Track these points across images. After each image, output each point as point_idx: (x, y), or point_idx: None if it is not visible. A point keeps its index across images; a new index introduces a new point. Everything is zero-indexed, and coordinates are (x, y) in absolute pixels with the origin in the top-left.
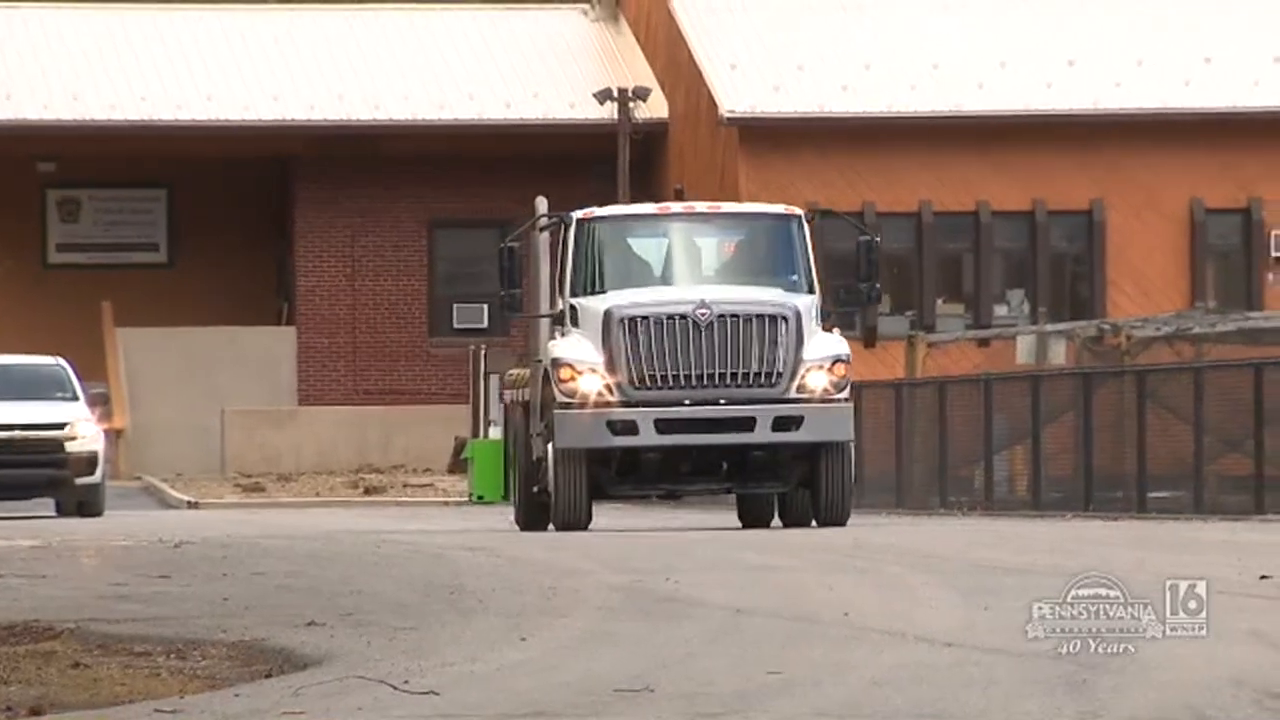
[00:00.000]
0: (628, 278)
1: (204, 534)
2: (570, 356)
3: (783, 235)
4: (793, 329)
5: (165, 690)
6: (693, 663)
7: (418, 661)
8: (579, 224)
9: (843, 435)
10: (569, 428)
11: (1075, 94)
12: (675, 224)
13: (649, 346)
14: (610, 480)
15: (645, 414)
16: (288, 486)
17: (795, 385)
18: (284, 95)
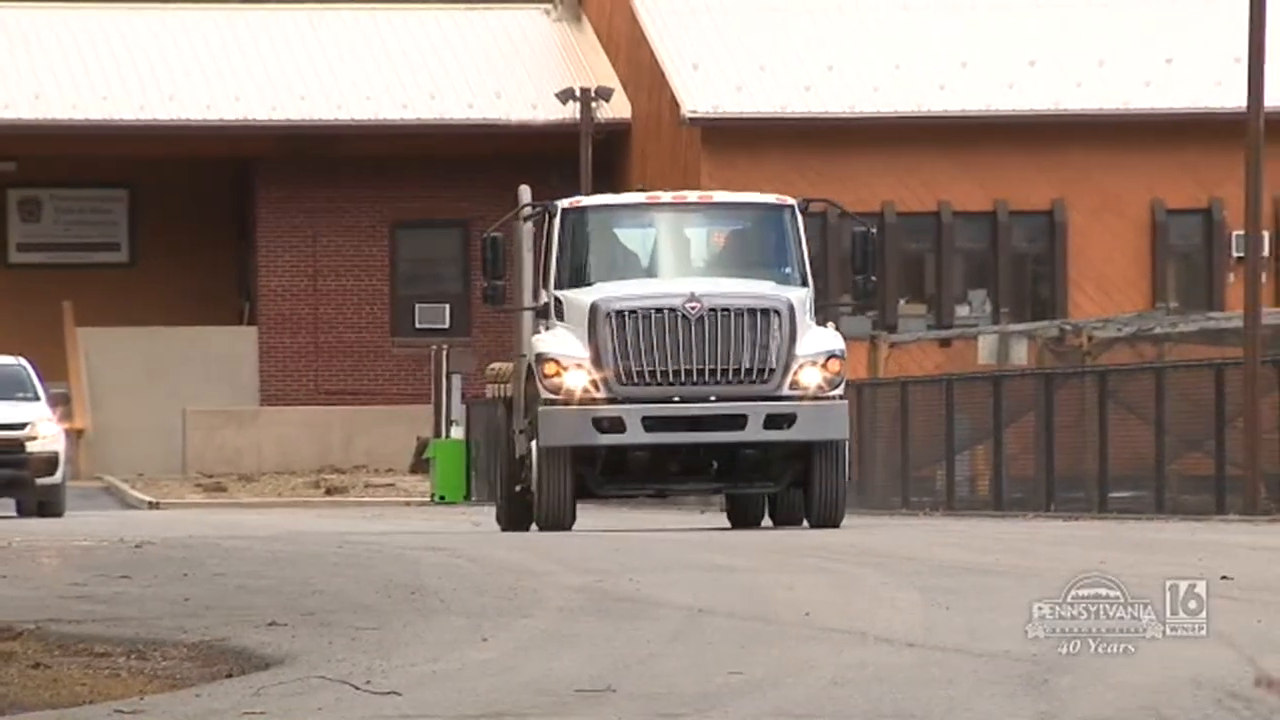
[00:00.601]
0: (615, 269)
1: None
2: (555, 351)
3: (775, 226)
4: (786, 323)
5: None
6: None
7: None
8: (564, 214)
9: (837, 434)
10: (553, 425)
11: (1037, 95)
12: (664, 214)
13: (637, 341)
14: (596, 480)
15: (633, 411)
16: (249, 487)
17: (788, 382)
18: (246, 95)
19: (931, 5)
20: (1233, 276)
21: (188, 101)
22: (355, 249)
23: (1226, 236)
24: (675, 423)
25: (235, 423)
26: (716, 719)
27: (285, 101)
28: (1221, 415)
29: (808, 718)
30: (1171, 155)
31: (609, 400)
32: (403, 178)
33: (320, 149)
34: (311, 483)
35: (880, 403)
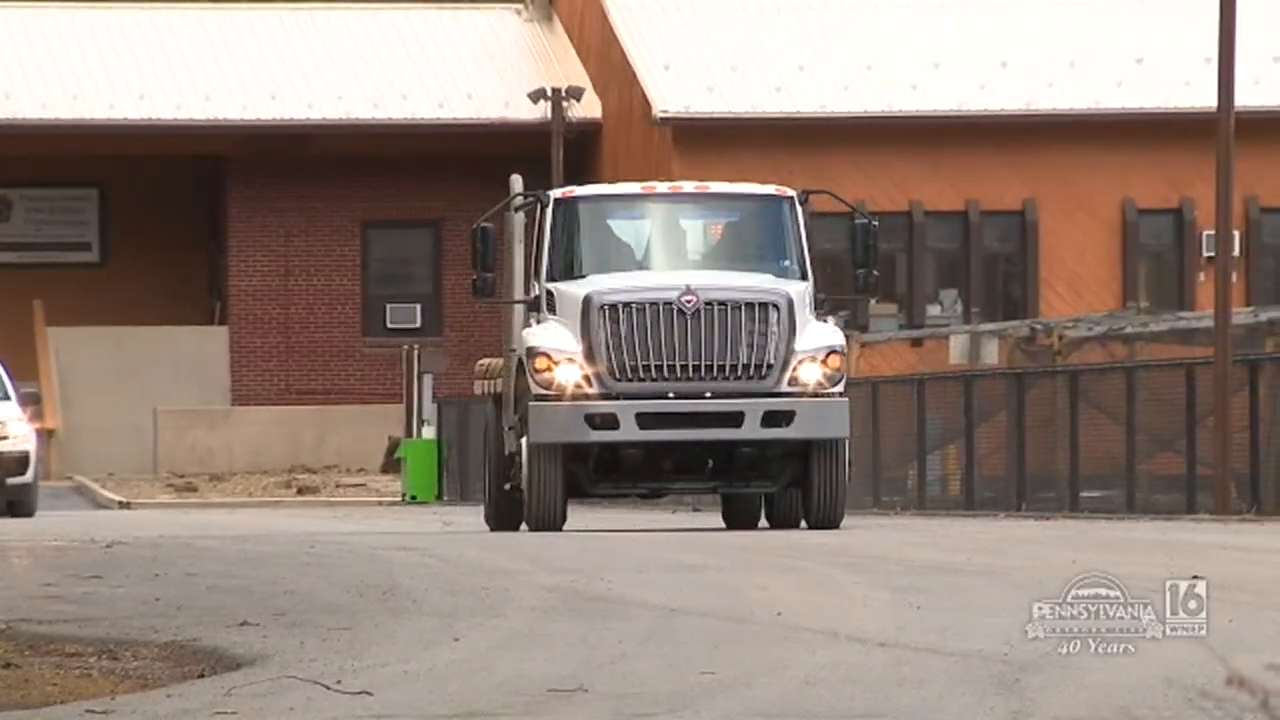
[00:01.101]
0: (608, 262)
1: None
2: (546, 345)
3: (774, 217)
4: (784, 318)
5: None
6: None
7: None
8: (557, 204)
9: (837, 432)
10: (544, 421)
11: (1008, 95)
12: (659, 205)
13: (631, 335)
14: (588, 478)
15: (626, 407)
16: (220, 487)
17: (787, 378)
18: (217, 94)
19: (903, 5)
20: (1203, 276)
21: (158, 101)
22: (326, 249)
23: (1197, 236)
24: (670, 419)
25: (206, 422)
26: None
27: (256, 101)
28: (1192, 415)
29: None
30: (1142, 155)
31: (602, 396)
32: (374, 177)
33: (291, 148)
34: (283, 482)
35: (852, 403)
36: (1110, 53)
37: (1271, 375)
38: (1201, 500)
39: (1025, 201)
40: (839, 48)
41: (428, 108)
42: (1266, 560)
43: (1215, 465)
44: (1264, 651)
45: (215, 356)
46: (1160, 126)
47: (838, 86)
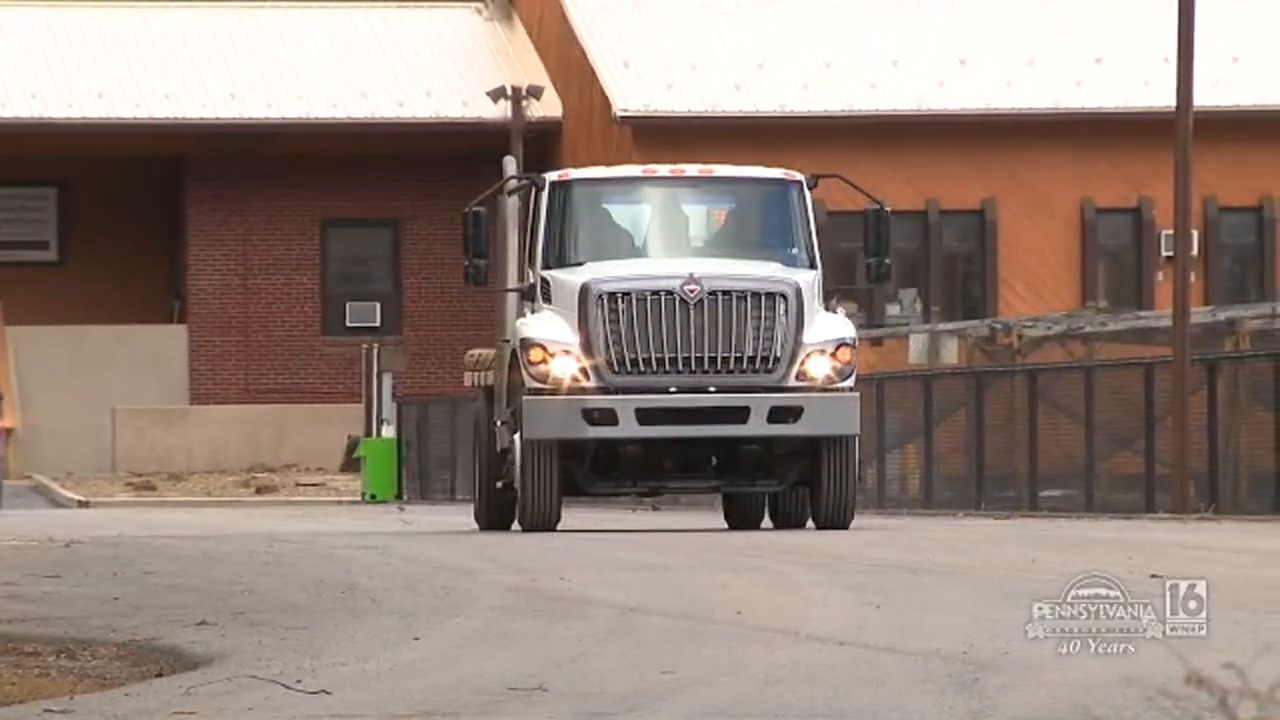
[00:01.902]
0: (607, 248)
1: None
2: (541, 336)
3: (781, 203)
4: (792, 308)
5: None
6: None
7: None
8: (552, 187)
9: (847, 428)
10: (539, 416)
11: (967, 94)
12: (661, 189)
13: (630, 326)
14: (585, 476)
15: (625, 402)
16: (179, 486)
17: (794, 372)
18: (176, 93)
19: (863, 4)
20: (1162, 275)
21: (117, 99)
22: (286, 247)
23: (1156, 235)
24: (671, 415)
25: (165, 421)
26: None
27: (215, 100)
28: (1151, 414)
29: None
30: (1101, 154)
31: (600, 390)
32: (334, 176)
33: (250, 147)
34: (242, 481)
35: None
36: (1069, 52)
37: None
38: (1160, 499)
39: (984, 201)
40: (799, 46)
41: (387, 107)
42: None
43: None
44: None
45: (174, 355)
46: (1119, 126)
47: (797, 85)
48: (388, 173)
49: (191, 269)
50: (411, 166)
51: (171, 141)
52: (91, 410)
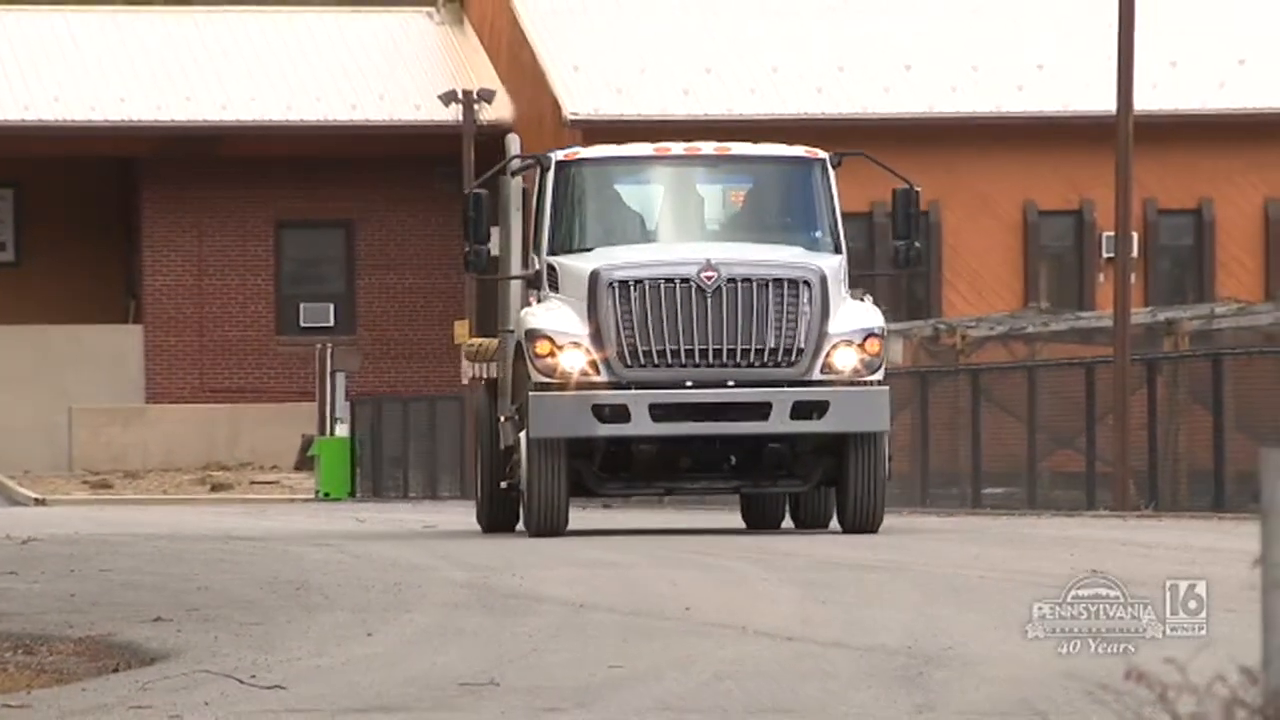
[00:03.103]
0: (617, 232)
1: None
2: (549, 327)
3: (803, 183)
4: (816, 296)
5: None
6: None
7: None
8: (560, 167)
9: (876, 424)
10: (547, 413)
11: (912, 98)
12: (675, 169)
13: (644, 316)
14: (595, 476)
15: (638, 398)
16: (135, 484)
17: (819, 364)
18: (131, 96)
19: (807, 10)
20: (1102, 277)
21: (72, 102)
22: (240, 248)
23: (1096, 237)
24: (687, 411)
25: (121, 420)
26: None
27: (170, 102)
28: (1092, 413)
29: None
30: (1043, 158)
31: (611, 385)
32: (287, 178)
33: (205, 149)
34: (197, 480)
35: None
36: (1012, 58)
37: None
38: (1101, 497)
39: (929, 203)
40: (744, 51)
41: (340, 109)
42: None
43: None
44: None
45: (130, 355)
46: (1061, 130)
47: (744, 89)
48: (341, 175)
49: (147, 269)
50: (364, 169)
51: (127, 144)
52: (48, 409)
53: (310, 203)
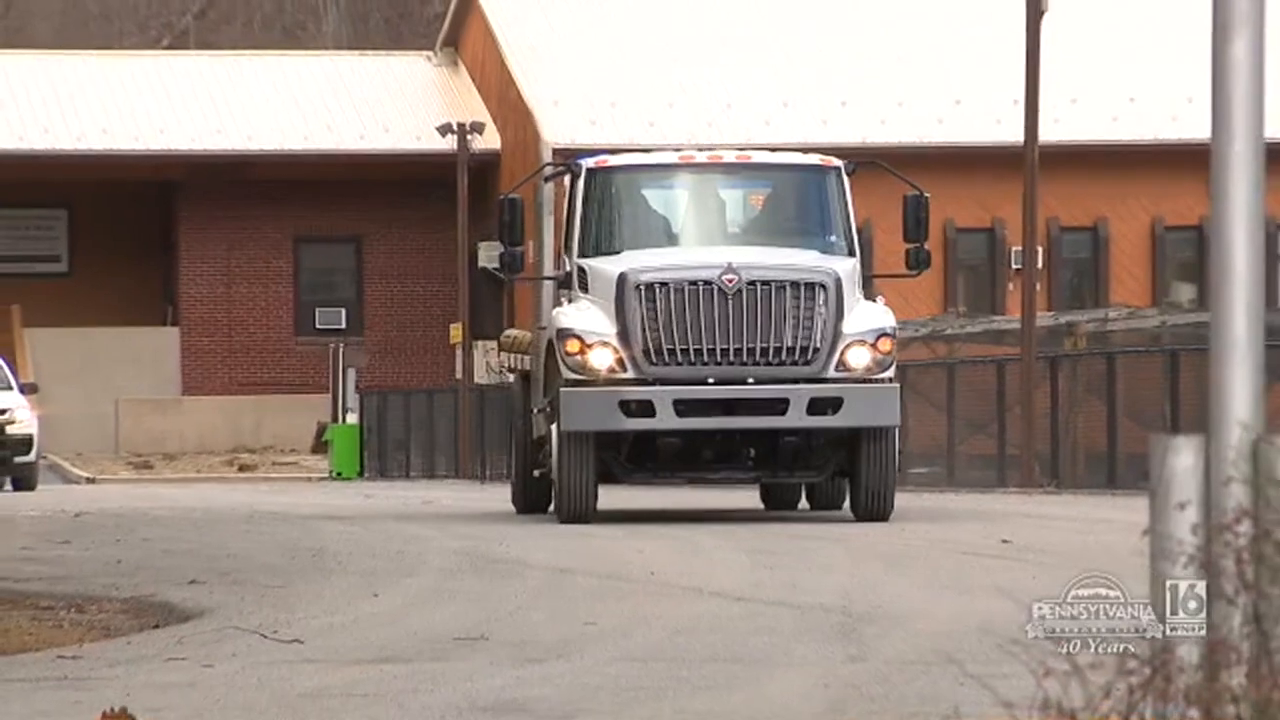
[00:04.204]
0: (644, 236)
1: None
2: (579, 327)
3: (820, 189)
4: (832, 298)
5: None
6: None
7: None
8: (589, 174)
9: (888, 420)
10: (576, 408)
11: (846, 130)
12: (699, 175)
13: (668, 316)
14: (622, 467)
15: (663, 394)
16: (173, 465)
17: (834, 362)
18: (169, 128)
19: (756, 53)
20: (1012, 285)
21: (119, 134)
22: (264, 260)
23: (1007, 251)
24: (710, 407)
25: (160, 410)
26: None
27: (203, 134)
28: (1002, 403)
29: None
30: (961, 182)
31: (637, 381)
32: (304, 199)
33: (233, 174)
34: (226, 461)
35: None
36: (933, 95)
37: (1069, 370)
38: (1010, 476)
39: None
40: (703, 89)
41: (351, 139)
42: (1064, 527)
43: (1022, 446)
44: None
45: (168, 353)
46: (975, 158)
47: (701, 122)
48: (351, 196)
49: (182, 279)
50: (371, 191)
51: (165, 170)
52: (97, 400)
53: (324, 221)
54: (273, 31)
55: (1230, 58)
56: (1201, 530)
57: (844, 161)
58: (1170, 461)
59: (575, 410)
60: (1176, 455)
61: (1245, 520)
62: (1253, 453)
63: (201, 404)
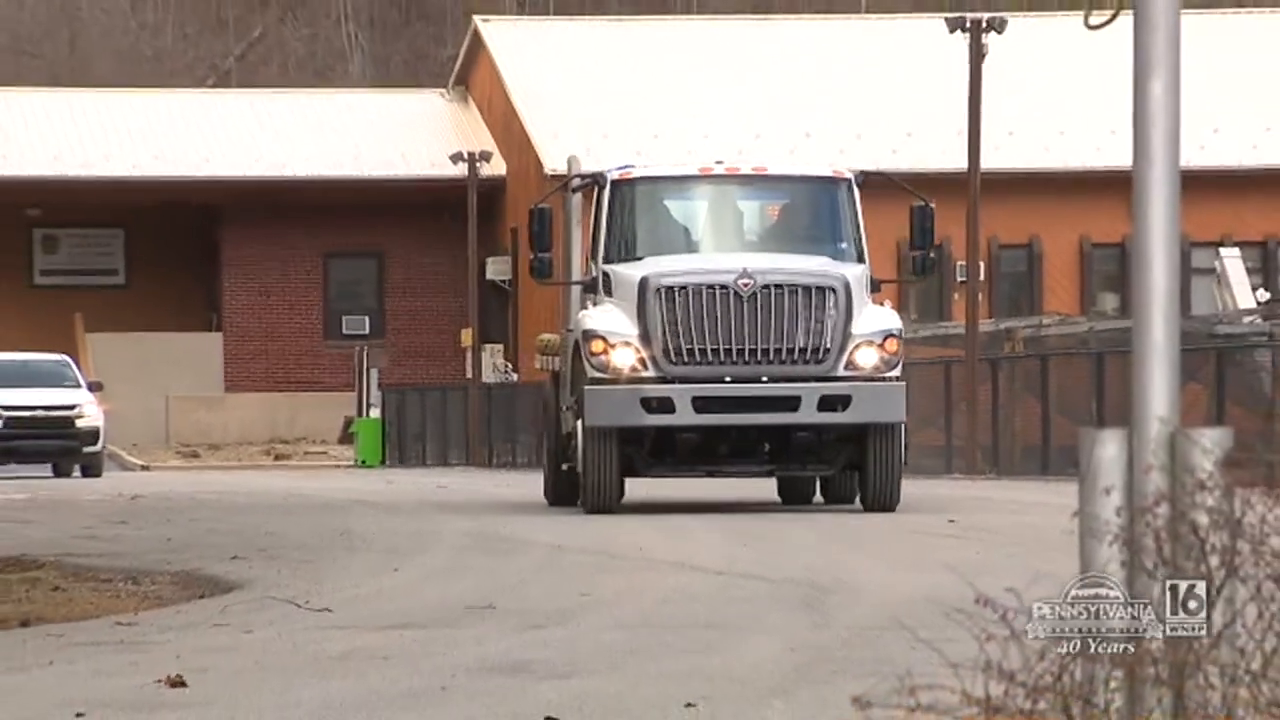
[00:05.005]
0: (665, 243)
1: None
2: (603, 328)
3: (831, 200)
4: (841, 301)
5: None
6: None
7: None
8: (614, 185)
9: (894, 416)
10: (600, 404)
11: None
12: (717, 187)
13: (687, 318)
14: (643, 461)
15: (682, 391)
16: (217, 454)
17: (844, 362)
18: (213, 158)
19: (730, 89)
20: (957, 296)
21: (169, 162)
22: (297, 274)
23: (953, 266)
24: (726, 404)
25: (206, 405)
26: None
27: (243, 162)
28: (950, 400)
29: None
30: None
31: (658, 379)
32: (332, 220)
33: (270, 198)
34: (264, 451)
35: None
36: (888, 128)
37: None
38: (956, 464)
39: None
40: (684, 122)
41: (373, 166)
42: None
43: (966, 438)
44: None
45: (212, 356)
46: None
47: (682, 151)
48: (373, 216)
49: (225, 290)
50: (392, 212)
51: (210, 194)
52: (150, 397)
53: (350, 239)
54: (305, 72)
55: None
56: (1125, 512)
57: (854, 173)
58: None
59: (599, 407)
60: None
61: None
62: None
63: (242, 400)
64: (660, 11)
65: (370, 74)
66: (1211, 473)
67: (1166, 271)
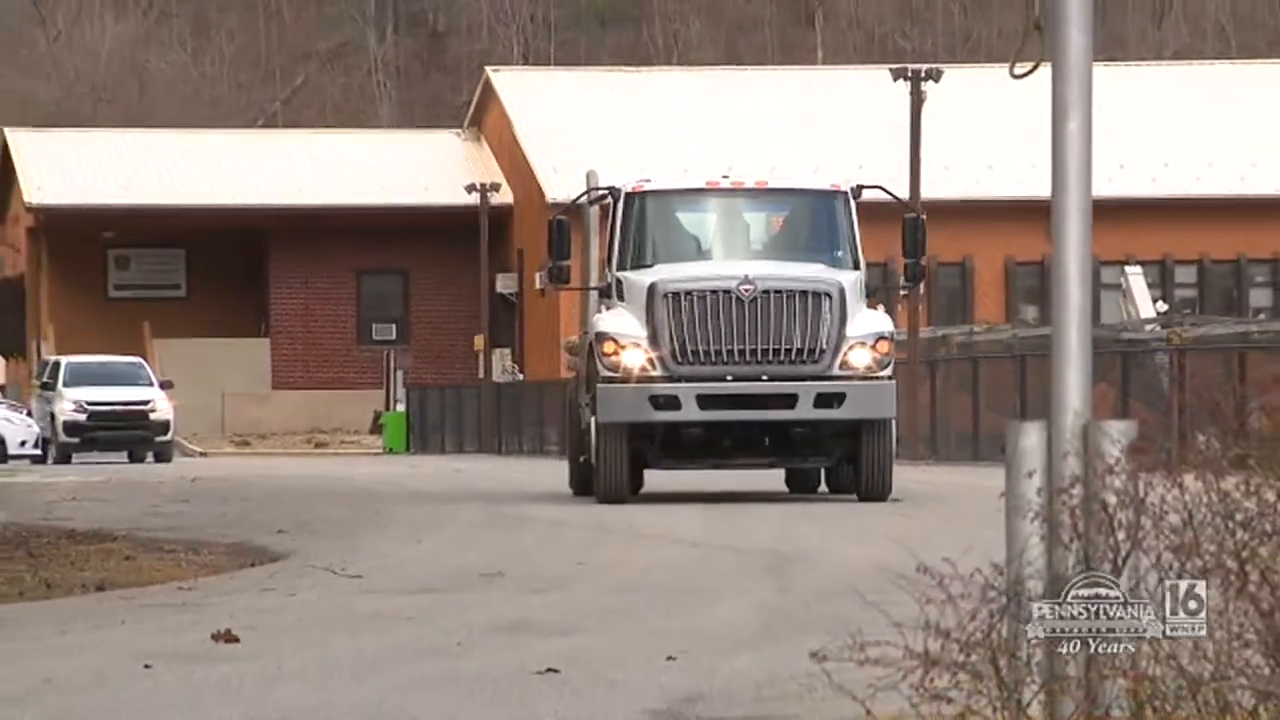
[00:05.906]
0: (674, 252)
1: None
2: (614, 330)
3: (828, 211)
4: (836, 305)
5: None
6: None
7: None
8: (628, 197)
9: (885, 413)
10: (611, 402)
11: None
12: (722, 199)
13: (692, 321)
14: (653, 454)
15: (687, 389)
16: (265, 443)
17: (838, 362)
18: (261, 187)
19: (707, 127)
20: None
21: (223, 191)
22: (334, 288)
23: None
24: (728, 401)
25: (256, 401)
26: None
27: (286, 192)
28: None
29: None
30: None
31: (665, 378)
32: (364, 242)
33: (311, 223)
34: (305, 440)
35: None
36: (840, 162)
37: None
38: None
39: None
40: (673, 156)
41: (400, 196)
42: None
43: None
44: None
45: (261, 358)
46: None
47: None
48: (399, 239)
49: (272, 302)
50: (415, 236)
51: (259, 219)
52: (208, 394)
53: (379, 258)
54: (341, 115)
55: (1066, 133)
56: (1045, 493)
57: (850, 186)
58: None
59: (610, 404)
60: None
61: (1078, 485)
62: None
63: (286, 396)
64: (646, 63)
65: (396, 117)
66: (1119, 459)
67: (1080, 286)
